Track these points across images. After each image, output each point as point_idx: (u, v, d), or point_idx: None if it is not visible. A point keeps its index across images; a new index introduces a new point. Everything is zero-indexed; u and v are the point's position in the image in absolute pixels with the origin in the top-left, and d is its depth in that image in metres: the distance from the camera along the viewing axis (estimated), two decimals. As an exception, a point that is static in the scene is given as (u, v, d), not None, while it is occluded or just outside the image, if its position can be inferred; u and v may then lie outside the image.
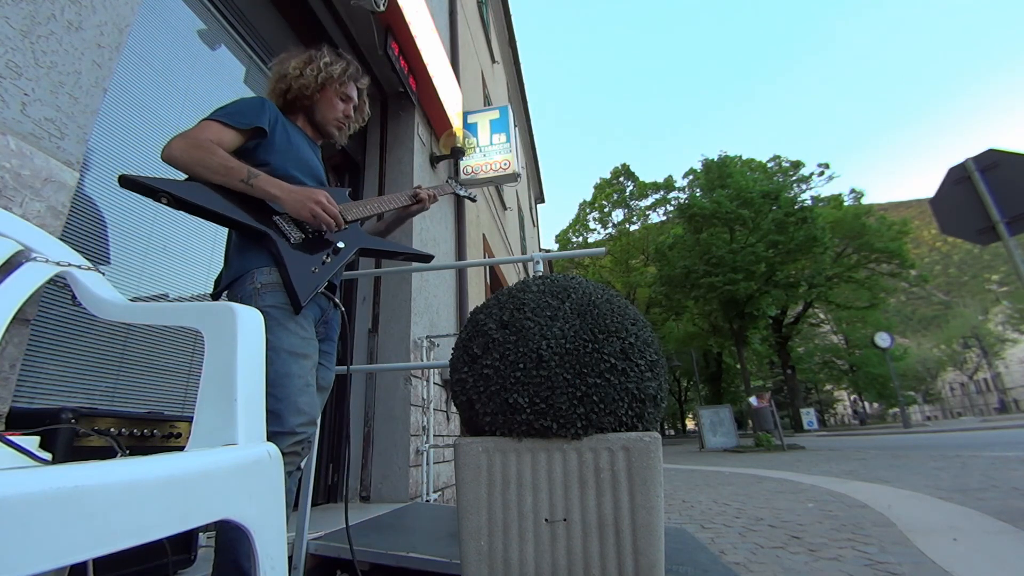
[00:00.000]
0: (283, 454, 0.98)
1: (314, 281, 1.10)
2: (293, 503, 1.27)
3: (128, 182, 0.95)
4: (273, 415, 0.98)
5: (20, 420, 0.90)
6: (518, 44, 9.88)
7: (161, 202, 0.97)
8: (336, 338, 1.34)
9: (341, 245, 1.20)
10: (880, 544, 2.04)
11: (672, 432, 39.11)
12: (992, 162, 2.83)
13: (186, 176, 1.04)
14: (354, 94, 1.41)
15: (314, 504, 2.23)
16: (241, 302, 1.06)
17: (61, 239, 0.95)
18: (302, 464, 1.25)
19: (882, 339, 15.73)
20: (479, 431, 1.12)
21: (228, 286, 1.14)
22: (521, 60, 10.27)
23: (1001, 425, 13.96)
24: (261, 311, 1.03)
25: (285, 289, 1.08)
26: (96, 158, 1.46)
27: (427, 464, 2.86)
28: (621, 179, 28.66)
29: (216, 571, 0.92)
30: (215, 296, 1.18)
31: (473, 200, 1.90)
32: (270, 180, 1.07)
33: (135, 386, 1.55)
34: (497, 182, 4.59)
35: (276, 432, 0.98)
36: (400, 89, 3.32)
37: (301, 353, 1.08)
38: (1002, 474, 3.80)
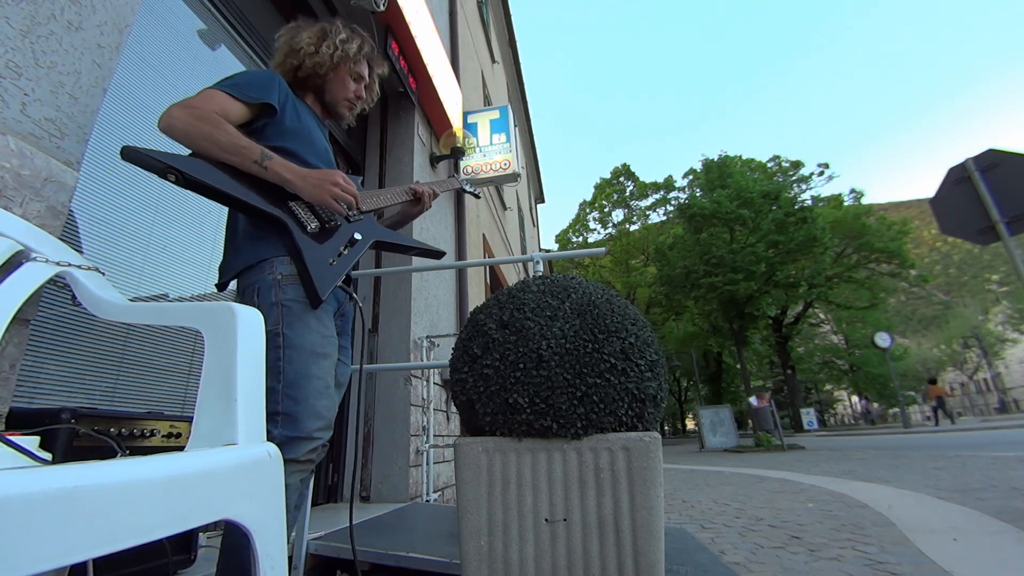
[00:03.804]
0: (299, 461, 0.94)
1: (332, 274, 1.05)
2: (302, 505, 1.25)
3: (132, 155, 0.86)
4: (290, 418, 0.93)
5: (20, 420, 0.90)
6: (518, 44, 9.88)
7: (168, 180, 0.89)
8: (350, 331, 1.28)
9: (358, 237, 1.14)
10: (880, 544, 2.04)
11: (672, 432, 39.09)
12: (992, 162, 2.83)
13: (190, 152, 0.97)
14: (366, 73, 1.34)
15: (314, 504, 2.23)
16: (258, 292, 1.00)
17: (61, 239, 0.95)
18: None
19: (882, 339, 15.71)
20: (479, 431, 1.12)
21: (240, 273, 1.06)
22: (521, 60, 10.28)
23: (1001, 425, 13.95)
24: (282, 305, 0.99)
25: (300, 280, 1.01)
26: (96, 158, 1.46)
27: (427, 464, 2.86)
28: (621, 179, 28.65)
29: (220, 573, 0.90)
30: (224, 284, 1.10)
31: (477, 197, 1.87)
32: (284, 163, 1.00)
33: (135, 386, 1.55)
34: (497, 182, 4.60)
35: (293, 437, 0.93)
36: (400, 89, 3.32)
37: (322, 352, 1.02)
38: (1002, 474, 3.80)
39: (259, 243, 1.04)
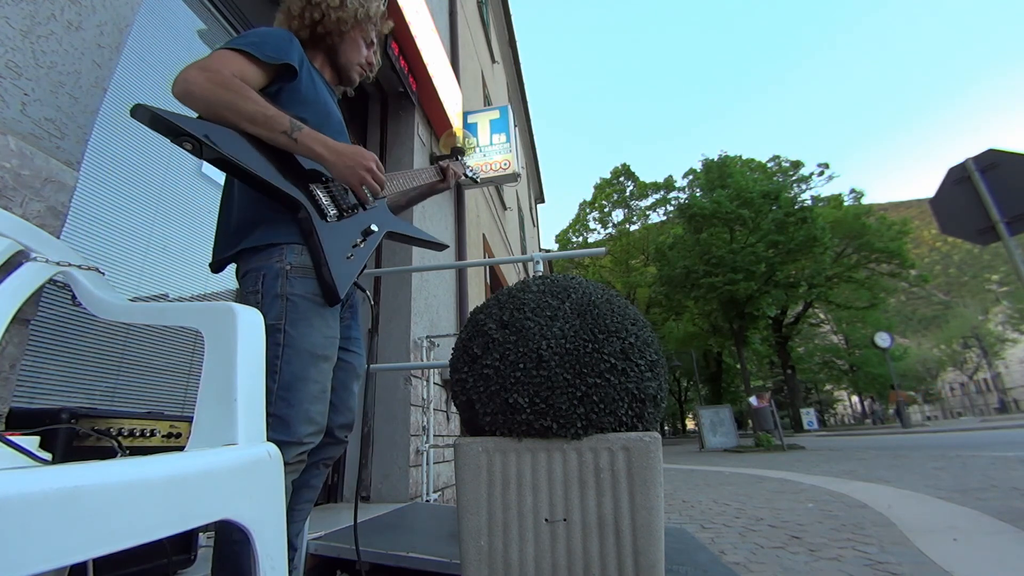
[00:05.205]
0: (287, 463, 0.88)
1: (349, 269, 0.99)
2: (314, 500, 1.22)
3: (145, 115, 0.76)
4: (281, 421, 0.90)
5: (20, 420, 0.90)
6: (518, 44, 9.88)
7: (183, 147, 0.80)
8: (360, 320, 1.24)
9: (374, 228, 1.08)
10: (880, 544, 2.04)
11: (672, 432, 39.10)
12: (992, 162, 2.83)
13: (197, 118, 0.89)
14: (375, 38, 1.27)
15: (314, 504, 2.23)
16: (263, 280, 0.94)
17: (61, 239, 0.95)
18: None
19: (882, 339, 15.77)
20: (479, 431, 1.12)
21: (243, 255, 0.98)
22: (521, 60, 10.28)
23: (1001, 425, 13.97)
24: (286, 298, 0.93)
25: (318, 277, 0.95)
26: (96, 158, 1.46)
27: (427, 464, 2.86)
28: (621, 179, 28.67)
29: None
30: (221, 263, 1.02)
31: (477, 182, 1.82)
32: (315, 135, 0.94)
33: (135, 386, 1.55)
34: (497, 182, 4.60)
35: (282, 441, 0.89)
36: (400, 89, 3.32)
37: (322, 355, 0.96)
38: (1002, 474, 3.80)
39: (271, 226, 0.96)
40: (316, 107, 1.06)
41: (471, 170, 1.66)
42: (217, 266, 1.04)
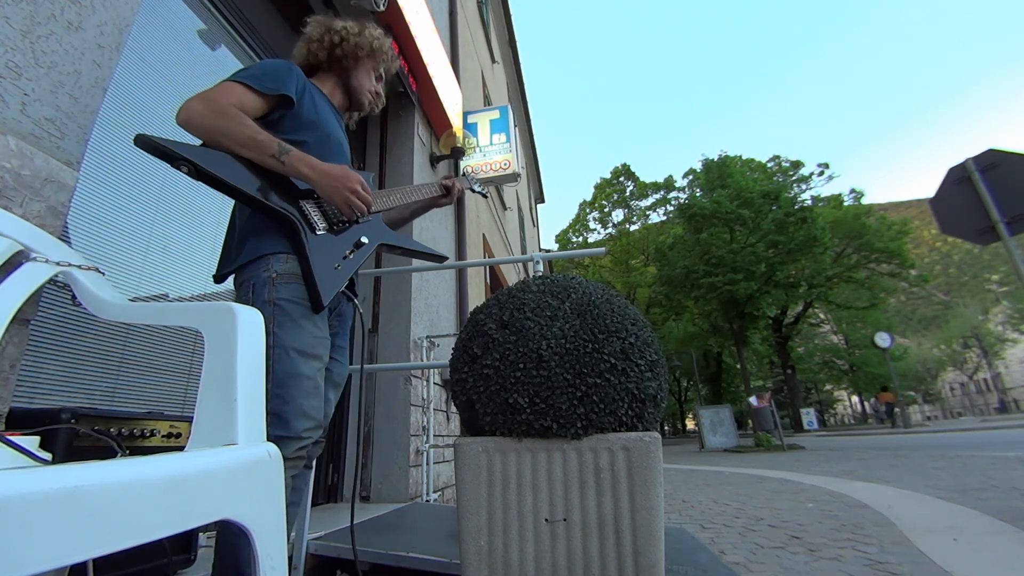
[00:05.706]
0: (287, 459, 0.92)
1: (336, 279, 1.04)
2: (301, 503, 1.24)
3: (145, 143, 0.86)
4: (278, 418, 0.94)
5: (20, 420, 0.90)
6: (518, 44, 9.88)
7: (181, 170, 0.89)
8: (348, 331, 1.28)
9: (365, 240, 1.13)
10: (880, 544, 2.04)
11: (672, 432, 39.08)
12: (992, 162, 2.83)
13: (202, 143, 0.97)
14: (384, 73, 1.39)
15: (314, 504, 2.23)
16: (253, 289, 1.00)
17: (61, 239, 0.95)
18: (311, 463, 1.22)
19: (882, 339, 15.75)
20: (479, 431, 1.12)
21: (238, 269, 1.05)
22: (521, 60, 10.28)
23: (1001, 425, 13.98)
24: (274, 303, 0.98)
25: (305, 283, 1.01)
26: (96, 158, 1.46)
27: (427, 464, 2.86)
28: (621, 179, 28.65)
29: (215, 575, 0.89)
30: (222, 276, 1.10)
31: (485, 196, 1.86)
32: (303, 157, 1.01)
33: (135, 386, 1.55)
34: (497, 182, 4.60)
35: (280, 436, 0.93)
36: (400, 89, 3.32)
37: (312, 353, 1.01)
38: (1002, 474, 3.80)
39: (260, 239, 1.03)
40: (317, 130, 1.14)
41: (478, 183, 1.70)
42: (220, 278, 1.11)
